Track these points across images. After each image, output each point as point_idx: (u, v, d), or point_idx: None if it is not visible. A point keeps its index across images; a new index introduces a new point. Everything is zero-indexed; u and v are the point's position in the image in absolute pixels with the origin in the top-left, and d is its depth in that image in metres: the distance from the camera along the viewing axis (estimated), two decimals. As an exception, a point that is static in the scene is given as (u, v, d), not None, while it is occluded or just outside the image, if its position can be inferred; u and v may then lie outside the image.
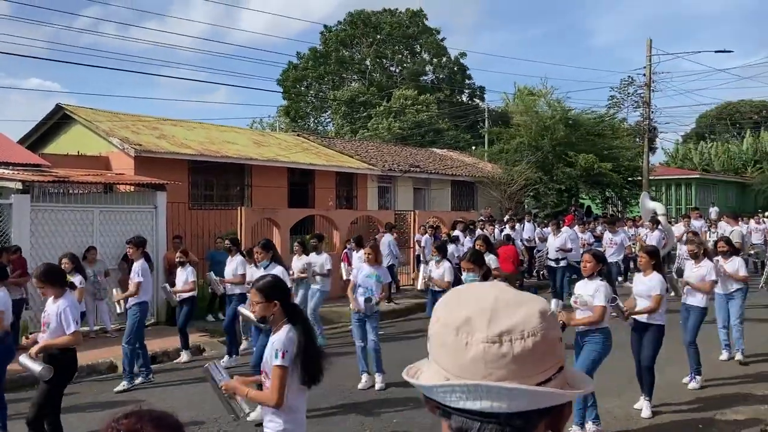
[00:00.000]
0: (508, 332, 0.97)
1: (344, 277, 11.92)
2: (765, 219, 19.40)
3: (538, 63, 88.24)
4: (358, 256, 10.75)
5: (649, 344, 6.46)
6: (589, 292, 5.93)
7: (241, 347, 9.82)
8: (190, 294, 9.54)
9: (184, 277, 9.50)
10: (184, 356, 9.62)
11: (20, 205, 10.51)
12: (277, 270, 6.66)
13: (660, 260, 6.77)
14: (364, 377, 7.91)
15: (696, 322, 7.57)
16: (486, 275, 5.14)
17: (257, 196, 17.34)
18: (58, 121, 17.57)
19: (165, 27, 62.66)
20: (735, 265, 8.44)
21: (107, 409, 5.80)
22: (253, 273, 7.95)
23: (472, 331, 0.98)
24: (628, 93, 32.12)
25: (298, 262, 10.71)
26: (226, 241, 9.85)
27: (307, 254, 10.85)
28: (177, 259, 9.74)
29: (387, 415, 6.83)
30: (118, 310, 8.40)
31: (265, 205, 16.02)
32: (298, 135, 24.83)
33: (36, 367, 5.15)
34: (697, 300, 7.62)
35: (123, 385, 8.02)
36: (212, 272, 9.74)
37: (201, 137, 18.27)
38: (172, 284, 9.71)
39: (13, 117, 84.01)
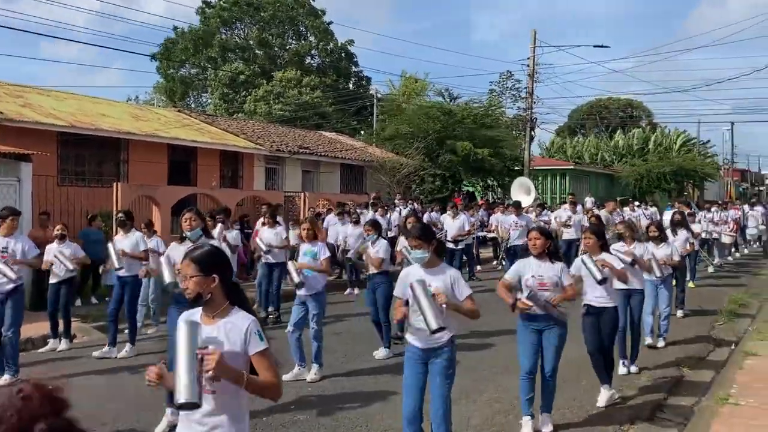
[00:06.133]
0: None
1: (257, 254, 11.39)
2: (636, 207, 20.63)
3: (427, 52, 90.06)
4: (275, 232, 10.51)
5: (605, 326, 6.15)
6: (553, 273, 5.36)
7: (150, 331, 9.59)
8: (71, 274, 8.77)
9: (70, 251, 8.70)
10: (61, 344, 8.75)
11: None
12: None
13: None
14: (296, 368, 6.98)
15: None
16: (438, 250, 4.72)
17: (134, 173, 16.15)
18: None
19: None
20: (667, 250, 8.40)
21: None
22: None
23: None
24: (507, 87, 33.88)
25: (269, 233, 10.55)
26: (120, 215, 8.74)
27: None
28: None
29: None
30: None
31: (144, 183, 14.94)
32: (179, 111, 23.50)
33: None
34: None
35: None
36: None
37: (72, 108, 16.76)
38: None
39: None
